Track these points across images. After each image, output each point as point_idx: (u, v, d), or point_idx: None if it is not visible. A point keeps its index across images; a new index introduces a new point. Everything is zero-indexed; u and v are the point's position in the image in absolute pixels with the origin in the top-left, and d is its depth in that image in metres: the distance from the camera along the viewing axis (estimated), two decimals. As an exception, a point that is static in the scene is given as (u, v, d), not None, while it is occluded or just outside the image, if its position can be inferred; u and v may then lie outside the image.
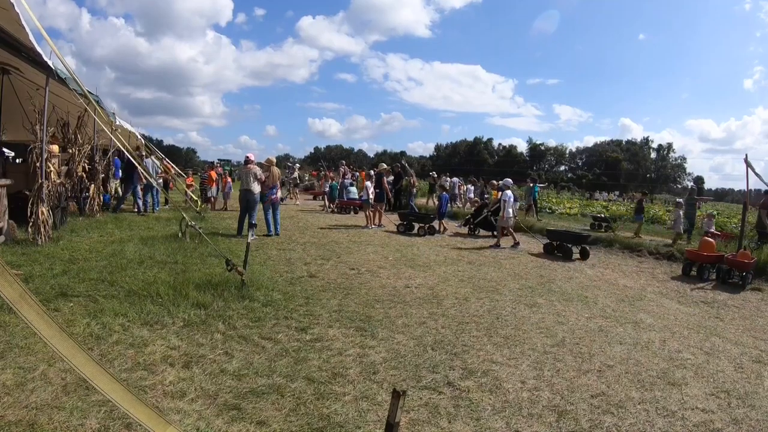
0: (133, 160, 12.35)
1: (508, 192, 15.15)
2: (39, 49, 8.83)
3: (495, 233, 16.34)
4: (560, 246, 14.22)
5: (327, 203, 23.98)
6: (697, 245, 13.01)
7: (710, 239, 13.08)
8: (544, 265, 12.23)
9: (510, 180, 16.42)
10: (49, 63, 9.30)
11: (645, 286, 10.81)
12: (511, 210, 15.02)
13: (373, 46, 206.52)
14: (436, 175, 28.51)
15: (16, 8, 7.17)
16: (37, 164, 9.89)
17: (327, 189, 24.74)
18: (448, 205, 19.92)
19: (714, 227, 15.78)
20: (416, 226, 16.74)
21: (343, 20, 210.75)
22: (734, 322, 8.39)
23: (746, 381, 5.65)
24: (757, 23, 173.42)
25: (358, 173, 30.20)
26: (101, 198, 15.49)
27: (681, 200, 17.22)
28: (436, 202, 20.87)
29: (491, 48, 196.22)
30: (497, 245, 14.76)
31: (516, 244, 14.85)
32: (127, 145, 13.38)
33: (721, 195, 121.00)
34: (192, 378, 4.46)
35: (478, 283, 9.56)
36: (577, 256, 13.82)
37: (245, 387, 4.37)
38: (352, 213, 22.64)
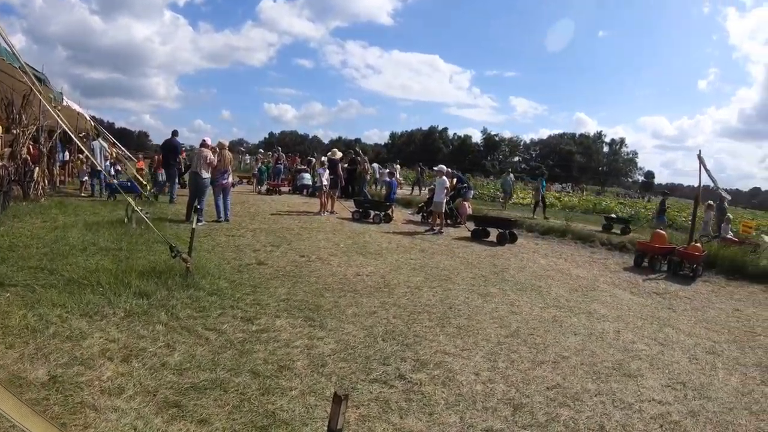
0: (78, 143, 11.90)
1: (444, 178, 15.37)
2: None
3: (449, 221, 16.45)
4: (484, 231, 14.82)
5: (255, 185, 25.89)
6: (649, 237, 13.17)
7: (662, 231, 13.27)
8: (497, 254, 12.21)
9: (444, 166, 16.59)
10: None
11: (598, 276, 10.91)
12: (443, 195, 15.10)
13: (334, 32, 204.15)
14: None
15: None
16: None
17: (256, 171, 26.79)
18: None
19: (731, 233, 15.52)
20: (371, 213, 16.60)
21: (304, 4, 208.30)
22: (686, 313, 8.54)
23: (701, 372, 5.72)
24: (714, 26, 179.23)
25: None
26: (45, 182, 14.89)
27: (712, 202, 16.56)
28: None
29: (451, 38, 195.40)
30: (434, 230, 15.10)
31: (439, 231, 15.03)
32: (68, 125, 12.82)
33: (671, 190, 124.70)
34: (131, 373, 4.21)
35: (430, 271, 9.46)
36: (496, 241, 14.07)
37: (187, 382, 4.14)
38: (298, 195, 23.37)
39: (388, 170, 24.61)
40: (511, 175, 24.84)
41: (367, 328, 5.91)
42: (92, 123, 21.97)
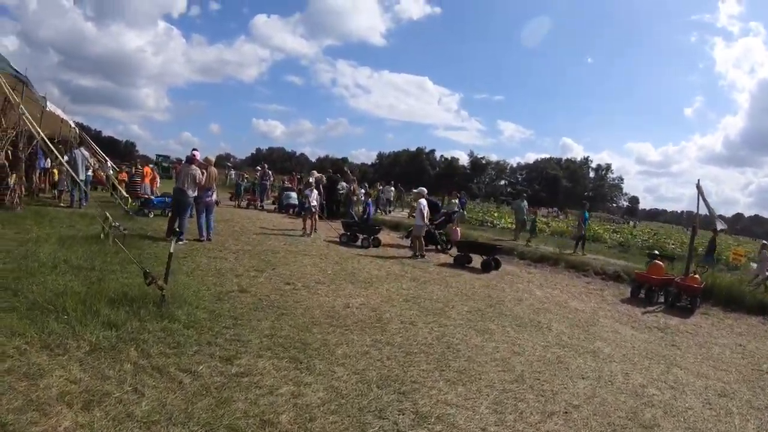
0: (54, 151, 11.36)
1: (422, 201, 15.09)
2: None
3: (437, 247, 16.05)
4: (467, 257, 14.50)
5: (235, 199, 27.42)
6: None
7: (659, 262, 12.88)
8: (491, 284, 11.75)
9: (424, 189, 16.33)
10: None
11: (596, 309, 10.54)
12: (422, 219, 14.76)
13: (326, 51, 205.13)
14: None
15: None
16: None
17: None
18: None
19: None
20: (360, 237, 16.11)
21: (298, 22, 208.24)
22: (691, 350, 8.30)
23: (717, 419, 5.48)
24: (701, 55, 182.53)
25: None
26: (22, 189, 14.28)
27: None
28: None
29: (441, 61, 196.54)
30: (418, 255, 14.68)
31: (421, 256, 14.68)
32: (38, 129, 12.24)
33: (654, 215, 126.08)
34: (91, 424, 3.66)
35: (424, 303, 8.92)
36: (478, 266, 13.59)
37: (154, 439, 3.56)
38: (284, 215, 23.46)
39: (364, 191, 24.31)
40: (525, 201, 23.11)
41: (359, 372, 5.33)
42: (76, 130, 21.45)
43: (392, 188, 31.98)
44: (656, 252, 16.47)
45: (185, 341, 5.48)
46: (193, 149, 13.11)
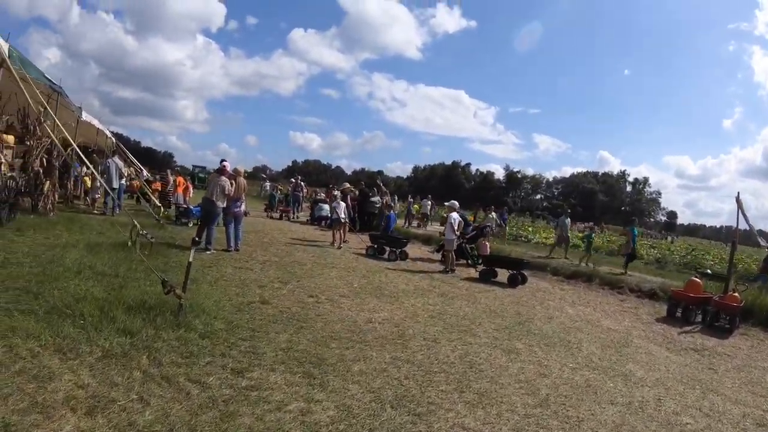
0: (83, 156, 11.50)
1: (454, 214, 14.87)
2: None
3: (469, 262, 15.79)
4: (493, 271, 14.19)
5: (267, 210, 28.01)
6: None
7: (697, 279, 12.44)
8: (522, 301, 11.41)
9: (456, 202, 15.88)
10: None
11: (630, 328, 10.10)
12: (452, 233, 14.60)
13: (362, 64, 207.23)
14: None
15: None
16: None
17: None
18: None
19: None
20: (387, 249, 15.93)
21: (335, 36, 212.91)
22: (729, 374, 7.82)
23: None
24: (739, 64, 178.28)
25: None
26: (55, 196, 14.49)
27: None
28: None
29: (477, 74, 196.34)
30: (449, 270, 14.44)
31: (450, 270, 14.45)
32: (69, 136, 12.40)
33: (693, 230, 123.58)
34: (93, 430, 3.60)
35: (449, 320, 8.66)
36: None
37: (153, 451, 3.43)
38: (316, 226, 23.66)
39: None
40: (569, 218, 22.41)
41: (374, 391, 5.11)
42: (113, 140, 21.81)
43: (429, 202, 31.83)
44: (708, 271, 15.79)
45: (199, 351, 5.38)
46: (223, 160, 13.19)
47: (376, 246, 16.12)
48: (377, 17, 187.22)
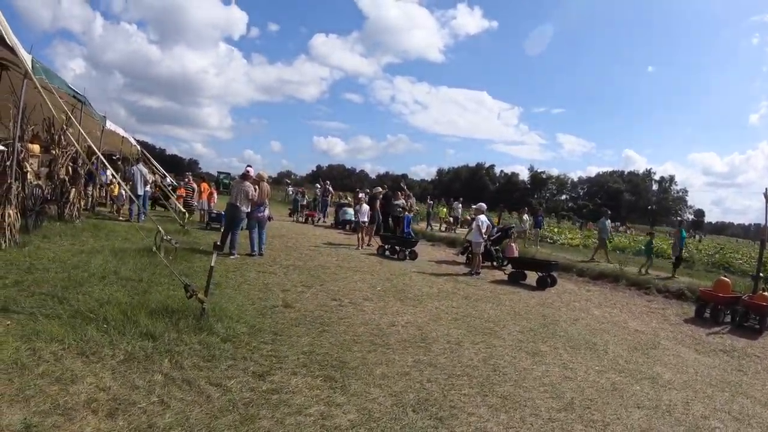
0: (106, 164, 11.64)
1: (482, 217, 14.83)
2: (14, 40, 8.11)
3: (494, 263, 15.72)
4: (522, 273, 14.09)
5: (293, 214, 28.57)
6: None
7: (725, 278, 12.17)
8: (547, 303, 11.29)
9: (484, 205, 15.79)
10: (22, 55, 8.55)
11: (657, 330, 9.93)
12: (480, 235, 14.51)
13: (384, 68, 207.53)
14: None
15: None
16: (8, 164, 9.14)
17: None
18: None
19: None
20: (398, 249, 16.09)
21: (356, 40, 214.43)
22: (759, 375, 7.64)
23: None
24: (764, 58, 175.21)
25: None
26: (81, 203, 14.71)
27: None
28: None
29: (500, 75, 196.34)
30: (474, 272, 14.34)
31: (476, 273, 14.36)
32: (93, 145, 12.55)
33: (721, 228, 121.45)
34: (112, 433, 3.57)
35: (473, 322, 8.58)
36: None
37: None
38: (340, 230, 23.65)
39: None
40: (609, 220, 21.52)
41: (395, 395, 5.06)
42: (138, 148, 22.08)
43: (460, 205, 31.67)
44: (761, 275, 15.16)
45: (220, 355, 5.39)
46: (247, 166, 13.33)
47: (387, 246, 16.29)
48: (398, 21, 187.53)
